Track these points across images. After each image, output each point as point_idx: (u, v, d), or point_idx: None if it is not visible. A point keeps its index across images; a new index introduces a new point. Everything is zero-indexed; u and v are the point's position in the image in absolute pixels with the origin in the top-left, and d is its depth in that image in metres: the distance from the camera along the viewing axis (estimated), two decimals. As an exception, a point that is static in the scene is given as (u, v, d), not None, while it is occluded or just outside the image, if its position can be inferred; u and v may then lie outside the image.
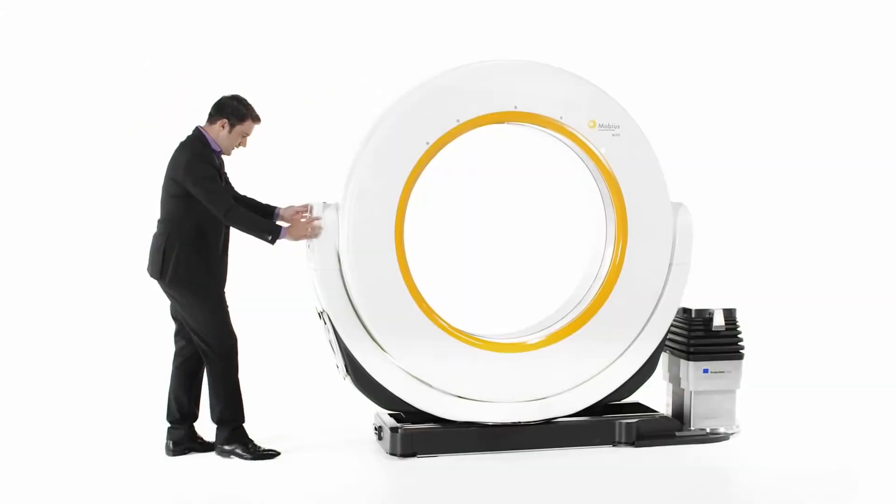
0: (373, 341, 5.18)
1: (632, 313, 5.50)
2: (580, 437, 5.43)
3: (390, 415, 5.42)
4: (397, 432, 5.19)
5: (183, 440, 5.26)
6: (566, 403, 5.44)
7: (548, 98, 5.31)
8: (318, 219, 5.13)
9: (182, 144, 5.18)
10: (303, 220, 5.18)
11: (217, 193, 5.05)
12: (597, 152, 5.38)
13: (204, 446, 5.30)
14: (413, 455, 5.19)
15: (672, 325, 5.71)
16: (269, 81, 8.43)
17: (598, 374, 5.47)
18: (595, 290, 5.54)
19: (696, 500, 4.67)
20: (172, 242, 5.08)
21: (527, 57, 5.45)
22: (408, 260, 5.20)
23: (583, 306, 5.53)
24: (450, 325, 5.31)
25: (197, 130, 5.20)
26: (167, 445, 5.26)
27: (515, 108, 5.25)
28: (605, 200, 5.56)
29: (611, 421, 5.47)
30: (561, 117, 5.32)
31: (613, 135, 5.38)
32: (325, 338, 5.41)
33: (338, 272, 5.14)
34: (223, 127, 5.15)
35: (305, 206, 5.26)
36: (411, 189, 5.17)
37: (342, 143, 5.61)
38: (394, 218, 5.15)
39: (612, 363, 5.49)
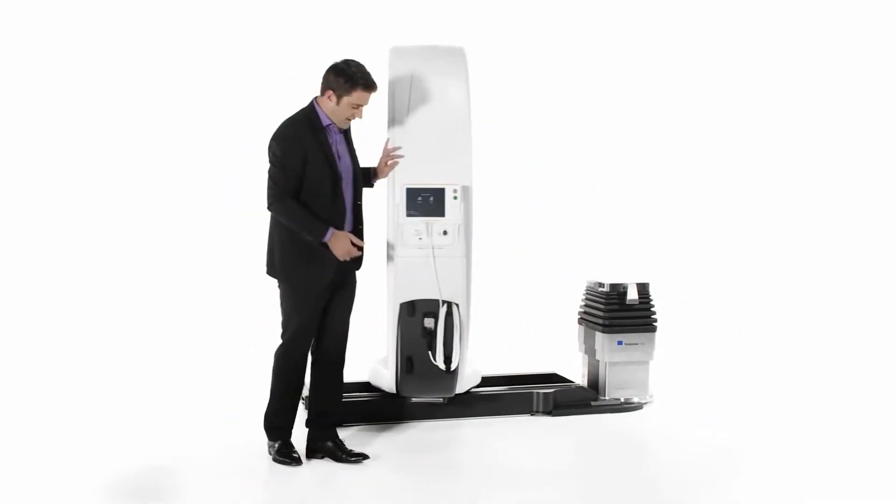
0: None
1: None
2: (500, 406, 5.56)
3: None
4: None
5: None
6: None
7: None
8: (397, 155, 4.99)
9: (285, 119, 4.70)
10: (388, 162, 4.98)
11: (273, 180, 4.57)
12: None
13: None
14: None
15: (588, 299, 5.91)
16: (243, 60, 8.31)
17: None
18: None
19: (611, 466, 4.82)
20: (272, 234, 4.73)
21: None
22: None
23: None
24: None
25: (310, 103, 4.69)
26: None
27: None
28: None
29: (529, 391, 5.62)
30: None
31: None
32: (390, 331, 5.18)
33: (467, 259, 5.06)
34: (330, 98, 4.61)
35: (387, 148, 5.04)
36: None
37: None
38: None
39: None
